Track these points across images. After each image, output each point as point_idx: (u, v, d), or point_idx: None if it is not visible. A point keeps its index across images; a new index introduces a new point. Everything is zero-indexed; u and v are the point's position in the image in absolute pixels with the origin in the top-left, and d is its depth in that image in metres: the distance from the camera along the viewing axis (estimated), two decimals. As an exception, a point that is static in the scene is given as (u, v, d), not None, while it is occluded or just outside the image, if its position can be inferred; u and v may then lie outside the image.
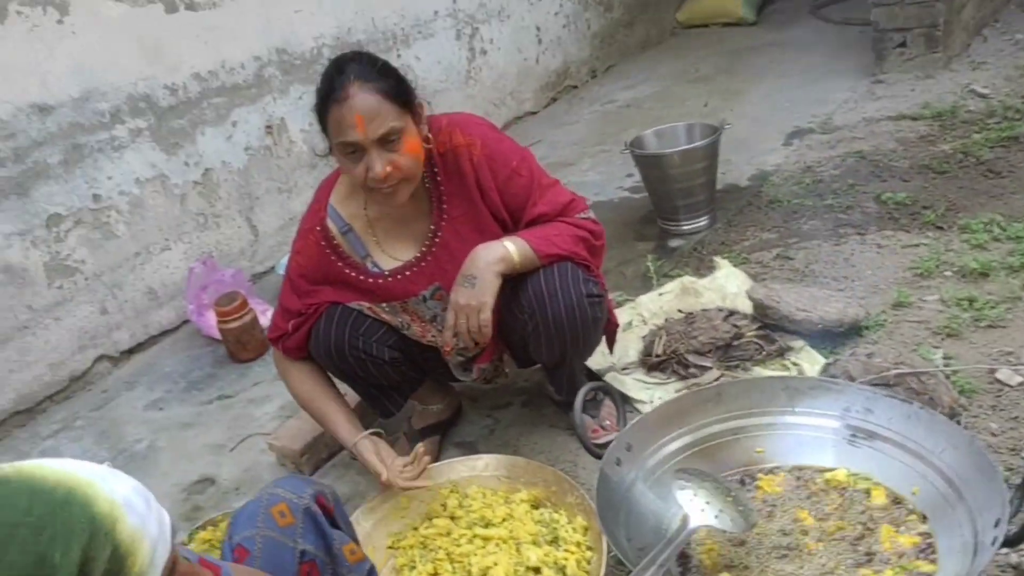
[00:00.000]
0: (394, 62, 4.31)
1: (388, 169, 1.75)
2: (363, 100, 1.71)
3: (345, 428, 2.03)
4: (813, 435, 1.63)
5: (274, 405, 2.68)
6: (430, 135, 1.92)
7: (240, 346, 2.94)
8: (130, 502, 0.84)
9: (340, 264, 1.99)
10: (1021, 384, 2.07)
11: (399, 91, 1.79)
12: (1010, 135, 3.33)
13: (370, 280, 1.99)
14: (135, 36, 3.09)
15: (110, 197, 3.05)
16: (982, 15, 4.57)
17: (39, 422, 2.89)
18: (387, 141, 1.75)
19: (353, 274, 1.99)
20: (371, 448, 1.97)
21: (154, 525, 0.85)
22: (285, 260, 3.21)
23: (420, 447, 1.96)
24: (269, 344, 2.93)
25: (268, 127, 3.58)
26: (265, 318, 3.04)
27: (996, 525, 1.27)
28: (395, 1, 4.14)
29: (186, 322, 3.26)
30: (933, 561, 1.39)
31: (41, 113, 2.85)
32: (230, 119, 3.43)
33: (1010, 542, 1.26)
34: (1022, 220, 2.73)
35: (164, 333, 3.27)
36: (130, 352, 3.17)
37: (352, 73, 1.74)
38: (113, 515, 0.81)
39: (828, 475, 1.59)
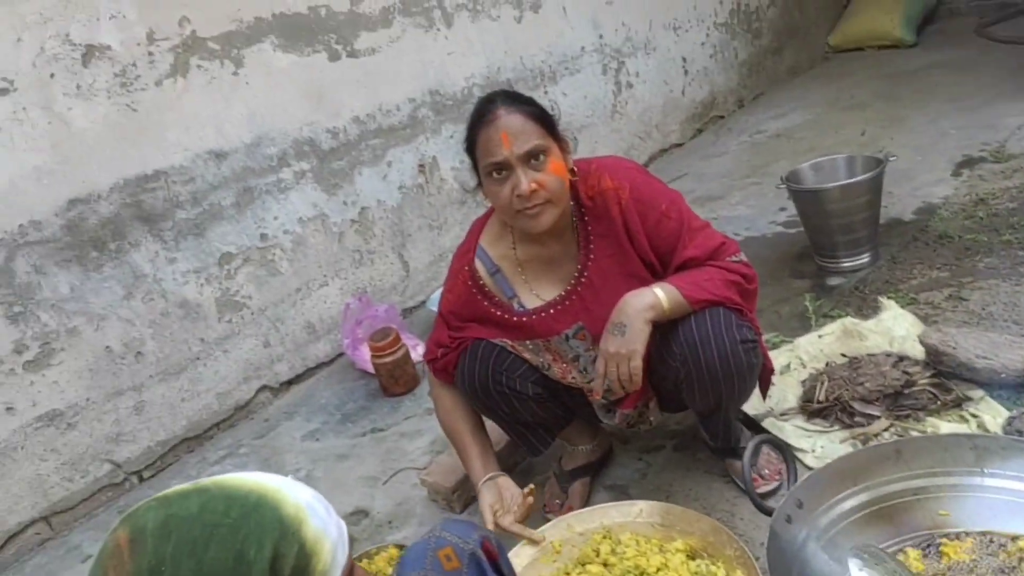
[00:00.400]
0: (541, 99, 4.41)
1: (533, 186, 1.80)
2: (509, 119, 1.81)
3: (476, 466, 2.06)
4: (1006, 499, 1.50)
5: (425, 440, 2.74)
6: (578, 178, 1.95)
7: (392, 380, 3.02)
8: (312, 507, 0.92)
9: (486, 304, 2.03)
10: None
11: (544, 116, 1.86)
12: None
13: (515, 319, 2.01)
14: (301, 84, 3.27)
15: (275, 236, 3.22)
16: None
17: (207, 448, 3.07)
18: (532, 158, 1.81)
19: (499, 313, 2.02)
20: (488, 496, 1.99)
21: (334, 529, 0.92)
22: (436, 295, 3.30)
23: (527, 489, 1.96)
24: (420, 378, 3.02)
25: (420, 166, 3.69)
26: (416, 353, 3.12)
27: None
28: (543, 39, 4.20)
29: (341, 355, 3.39)
30: None
31: (217, 159, 3.05)
32: (386, 159, 3.56)
33: None
34: None
35: (320, 365, 3.41)
36: (289, 383, 3.33)
37: (499, 100, 1.85)
38: (299, 517, 0.89)
39: (1023, 543, 1.46)
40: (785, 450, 1.79)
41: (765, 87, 5.48)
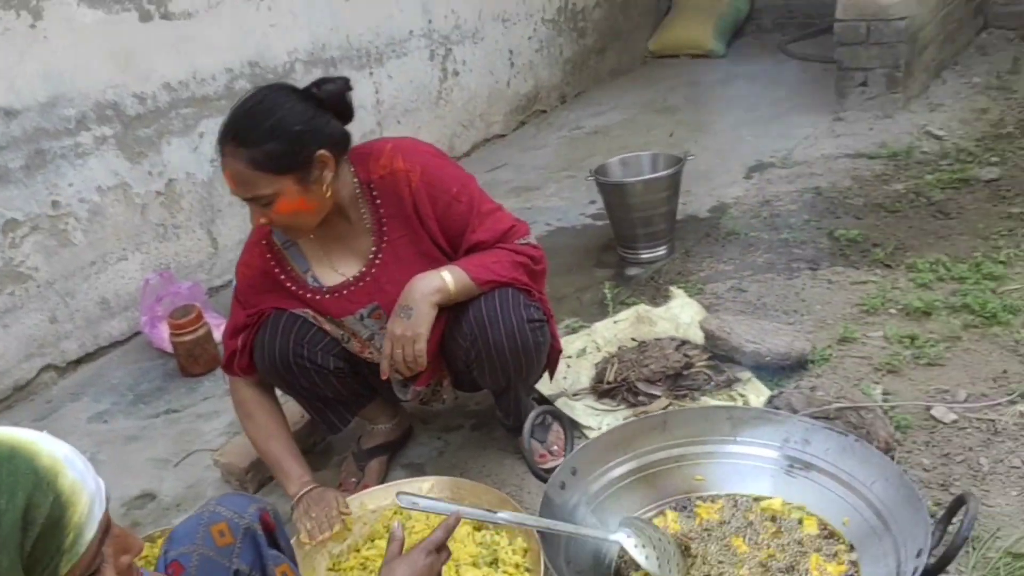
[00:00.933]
0: (366, 80, 4.34)
1: (262, 221, 1.83)
2: (232, 164, 1.77)
3: (292, 478, 2.03)
4: (752, 464, 1.67)
5: (222, 421, 2.67)
6: (370, 157, 1.95)
7: (192, 360, 2.92)
8: (70, 459, 0.89)
9: (283, 276, 2.01)
10: (954, 422, 2.13)
11: (276, 158, 1.76)
12: (961, 177, 3.43)
13: (308, 295, 2.01)
14: (108, 43, 3.09)
15: (69, 204, 3.03)
16: (943, 57, 4.70)
17: (-23, 432, 2.83)
18: (256, 201, 1.80)
19: (293, 287, 2.01)
20: (302, 511, 1.97)
21: (91, 482, 0.90)
22: (243, 274, 3.20)
23: (338, 508, 1.97)
24: (222, 357, 2.94)
25: (235, 140, 3.57)
26: (219, 332, 3.02)
27: (918, 555, 1.30)
28: (370, 19, 4.16)
29: (138, 334, 3.24)
30: (857, 592, 1.43)
31: (6, 117, 2.83)
32: (198, 130, 3.43)
33: (930, 572, 1.30)
34: (966, 261, 2.81)
35: (114, 344, 3.23)
36: (78, 363, 3.13)
37: (235, 131, 1.76)
38: (55, 468, 0.86)
39: (764, 504, 1.62)
40: (565, 423, 1.89)
41: (587, 85, 5.69)
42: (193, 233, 3.46)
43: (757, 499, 1.63)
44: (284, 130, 1.76)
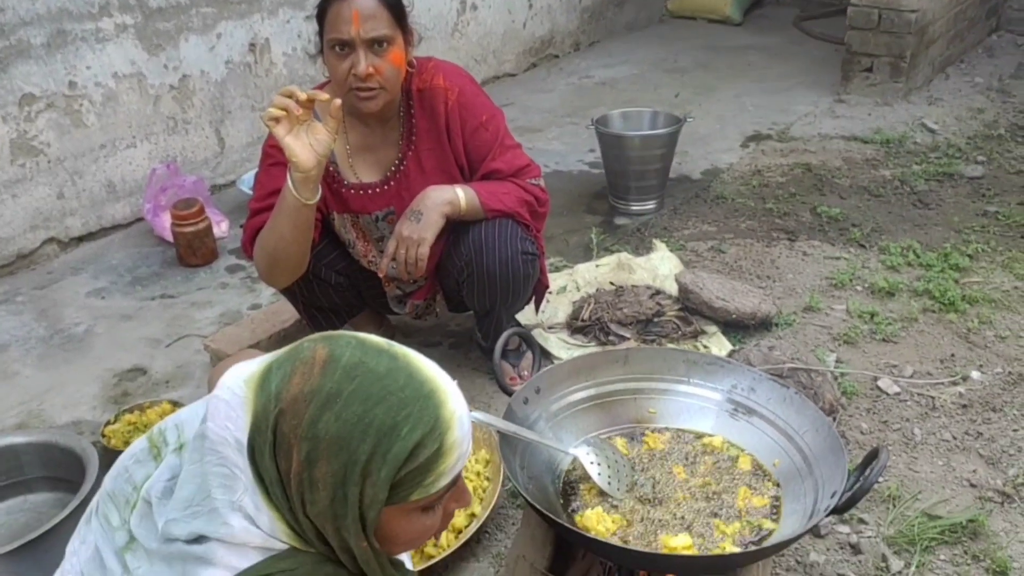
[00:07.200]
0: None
1: (370, 70, 1.89)
2: (364, 1, 1.87)
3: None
4: (701, 404, 1.81)
5: (215, 311, 2.80)
6: (415, 71, 2.06)
7: (190, 251, 3.03)
8: (462, 419, 1.02)
9: None
10: (897, 394, 2.30)
11: (398, 7, 1.94)
12: (946, 171, 3.56)
13: (335, 184, 2.11)
14: (138, -64, 3.14)
15: (85, 86, 3.11)
16: (949, 53, 4.78)
17: (-23, 293, 2.95)
18: (376, 44, 1.89)
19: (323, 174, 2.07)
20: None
21: (466, 443, 1.03)
22: (248, 176, 3.31)
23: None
24: (220, 253, 3.05)
25: (252, 45, 3.64)
26: (219, 229, 3.15)
27: (832, 496, 1.47)
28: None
29: (140, 219, 3.35)
30: (776, 520, 1.59)
31: (31, -8, 2.89)
32: (216, 30, 3.49)
33: (838, 510, 1.47)
34: (936, 250, 2.96)
35: (117, 227, 3.34)
36: (80, 240, 3.24)
37: None
38: (450, 423, 1.00)
39: (706, 440, 1.77)
40: (536, 349, 2.04)
41: (602, 36, 5.73)
42: (202, 130, 3.54)
43: (700, 436, 1.79)
44: None
